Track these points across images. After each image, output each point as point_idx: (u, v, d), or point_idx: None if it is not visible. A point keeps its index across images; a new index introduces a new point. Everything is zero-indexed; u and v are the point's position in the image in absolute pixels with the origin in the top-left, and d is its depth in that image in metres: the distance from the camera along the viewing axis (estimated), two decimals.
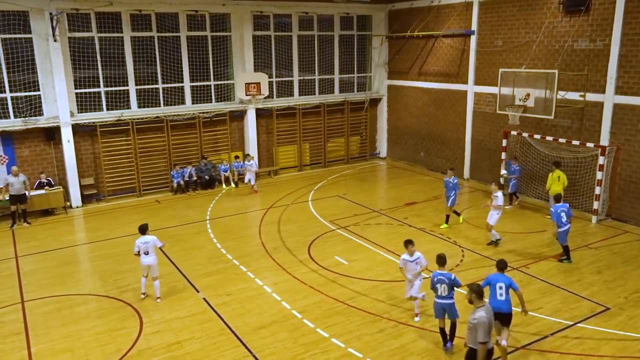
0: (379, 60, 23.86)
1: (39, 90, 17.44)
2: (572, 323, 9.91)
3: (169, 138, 19.66)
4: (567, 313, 10.29)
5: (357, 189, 19.51)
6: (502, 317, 8.55)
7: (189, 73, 19.96)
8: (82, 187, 18.28)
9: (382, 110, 24.56)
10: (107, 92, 18.61)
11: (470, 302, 7.42)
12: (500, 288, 8.56)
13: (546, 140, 16.75)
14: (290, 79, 22.30)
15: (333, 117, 23.35)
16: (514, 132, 17.51)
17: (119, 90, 18.84)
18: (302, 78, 22.54)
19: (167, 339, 9.66)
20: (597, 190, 15.29)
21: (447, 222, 15.25)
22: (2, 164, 17.21)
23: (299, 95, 22.62)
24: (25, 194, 16.24)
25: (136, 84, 19.08)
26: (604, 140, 15.44)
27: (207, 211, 17.33)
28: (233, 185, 20.34)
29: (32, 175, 17.63)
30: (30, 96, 17.36)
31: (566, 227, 12.43)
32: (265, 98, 21.16)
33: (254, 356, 9.07)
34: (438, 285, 9.07)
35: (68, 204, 17.86)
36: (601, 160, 15.07)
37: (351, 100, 23.56)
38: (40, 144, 17.73)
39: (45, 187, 17.31)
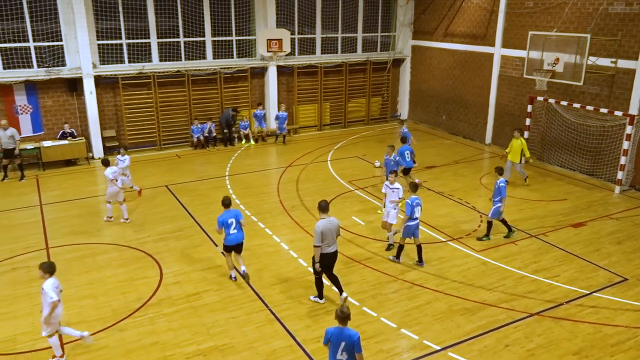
0: (404, 20, 23.25)
1: (61, 40, 17.42)
2: (588, 292, 9.89)
3: (190, 93, 19.62)
4: (583, 282, 10.26)
5: (377, 151, 19.35)
6: None
7: (210, 27, 19.72)
8: (104, 139, 18.47)
9: (405, 71, 24.10)
10: (128, 45, 18.54)
11: None
12: None
13: (573, 107, 16.34)
14: (312, 36, 21.92)
15: (355, 76, 23.00)
16: (540, 98, 17.10)
17: (141, 43, 18.74)
18: (324, 36, 22.12)
19: (186, 290, 9.90)
20: (623, 160, 14.97)
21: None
22: (27, 113, 17.42)
23: (321, 53, 22.26)
24: (13, 149, 15.92)
25: (158, 37, 18.94)
26: (634, 109, 14.99)
27: (226, 167, 17.43)
28: (252, 142, 20.38)
29: (56, 125, 17.85)
30: (53, 46, 17.37)
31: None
32: (286, 55, 20.88)
33: (270, 310, 9.27)
34: (417, 209, 10.34)
35: (90, 155, 18.11)
36: (629, 129, 14.69)
37: (374, 60, 23.13)
38: (63, 94, 17.84)
39: (68, 138, 17.52)
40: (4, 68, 16.84)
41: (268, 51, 20.12)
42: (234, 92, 20.64)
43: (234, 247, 9.96)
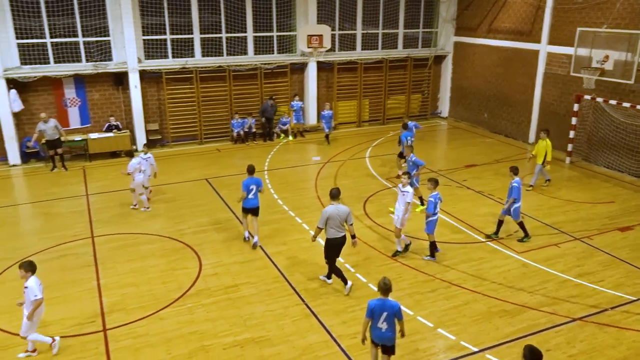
0: (447, 16, 22.88)
1: (108, 35, 17.94)
2: (634, 298, 9.55)
3: (231, 88, 19.88)
4: (630, 288, 9.91)
5: (416, 148, 18.96)
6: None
7: (252, 23, 19.91)
8: (148, 132, 18.94)
9: (447, 68, 23.73)
10: (172, 40, 18.92)
11: None
12: None
13: (622, 106, 15.73)
14: (353, 32, 21.84)
15: (395, 73, 22.81)
16: (587, 97, 16.55)
17: (184, 39, 19.10)
18: (365, 32, 22.01)
19: (224, 282, 10.07)
20: None
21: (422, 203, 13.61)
22: (75, 106, 18.03)
23: (361, 49, 22.16)
24: (59, 138, 16.60)
25: (200, 33, 19.26)
26: None
27: (265, 162, 17.60)
28: (291, 137, 20.50)
29: (102, 118, 18.42)
30: (100, 41, 17.90)
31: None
32: (327, 51, 20.88)
33: (306, 305, 9.33)
34: (439, 204, 10.56)
35: (134, 147, 18.58)
36: None
37: (414, 57, 22.87)
38: (109, 88, 18.37)
39: (114, 130, 18.06)
40: (55, 62, 17.47)
41: (308, 47, 20.17)
42: (274, 87, 20.79)
43: (250, 210, 11.23)
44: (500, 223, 11.88)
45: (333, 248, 9.55)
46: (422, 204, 13.25)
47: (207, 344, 8.26)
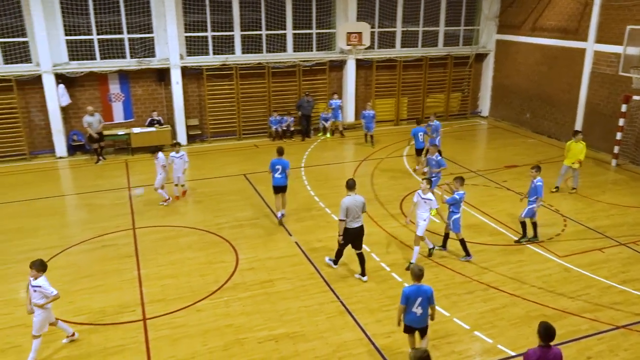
0: (489, 13, 22.42)
1: (152, 32, 18.35)
2: None
3: (270, 85, 20.04)
4: None
5: (455, 148, 18.90)
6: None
7: (292, 20, 20.01)
8: (188, 127, 19.31)
9: (488, 66, 23.27)
10: (213, 37, 19.20)
11: None
12: None
13: None
14: (392, 29, 21.67)
15: (434, 71, 22.52)
16: (636, 97, 15.93)
17: (225, 36, 19.36)
18: (405, 29, 21.80)
19: (260, 276, 10.18)
20: None
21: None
22: (119, 101, 18.55)
23: (401, 47, 21.97)
24: (101, 132, 17.28)
25: (241, 30, 19.48)
26: None
27: (302, 159, 17.68)
28: (329, 134, 20.51)
29: (145, 113, 18.88)
30: (144, 38, 18.34)
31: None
32: (366, 49, 20.79)
33: (341, 302, 9.33)
34: (462, 204, 10.53)
35: (175, 142, 18.94)
36: None
37: (455, 55, 22.52)
38: (152, 84, 18.81)
39: (156, 125, 18.48)
40: (101, 58, 18.00)
41: (347, 44, 20.13)
42: (312, 84, 20.85)
43: (277, 188, 12.36)
44: (534, 225, 11.60)
45: (350, 237, 9.82)
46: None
47: (242, 337, 8.37)
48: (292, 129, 20.15)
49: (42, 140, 17.99)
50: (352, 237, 9.84)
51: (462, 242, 10.77)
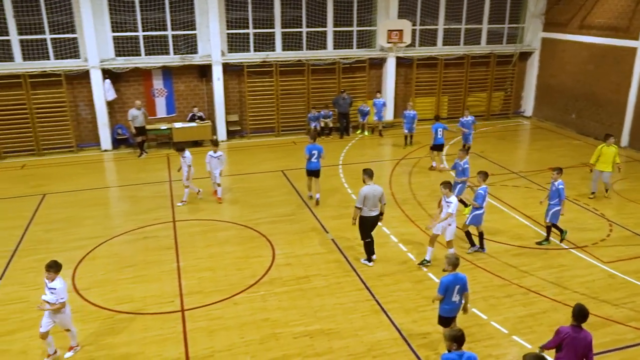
0: (536, 10, 21.83)
1: (195, 29, 18.68)
2: None
3: (309, 82, 20.11)
4: None
5: (496, 148, 18.54)
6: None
7: (332, 18, 20.00)
8: (228, 123, 19.59)
9: (533, 65, 22.67)
10: (255, 34, 19.40)
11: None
12: None
13: None
14: (434, 27, 21.38)
15: (476, 69, 22.12)
16: None
17: (266, 33, 19.52)
18: (447, 27, 21.48)
19: (296, 272, 10.24)
20: None
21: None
22: (162, 96, 18.98)
23: (443, 45, 21.66)
24: (144, 126, 17.78)
25: (282, 27, 19.60)
26: None
27: (340, 156, 17.67)
28: (367, 132, 20.43)
29: (186, 108, 19.26)
30: (187, 35, 18.69)
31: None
32: (406, 46, 20.59)
33: (376, 301, 9.30)
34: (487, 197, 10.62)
35: (215, 137, 19.27)
36: None
37: (498, 53, 22.05)
38: (194, 80, 19.16)
39: (197, 120, 18.82)
40: (146, 54, 18.44)
41: (388, 42, 19.99)
42: (352, 82, 20.80)
43: (311, 172, 13.30)
44: (549, 229, 11.43)
45: (367, 226, 10.22)
46: (466, 205, 12.51)
47: (278, 332, 8.45)
48: (330, 125, 20.13)
49: (89, 134, 18.60)
50: (370, 225, 10.22)
51: (480, 236, 10.89)
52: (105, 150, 18.50)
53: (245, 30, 19.26)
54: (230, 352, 7.96)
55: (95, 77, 17.68)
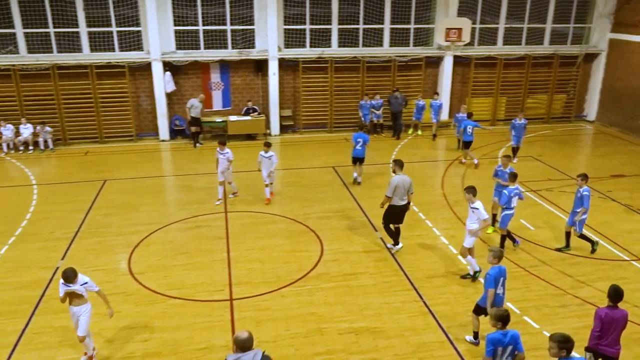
0: (604, 10, 20.84)
1: (253, 24, 18.96)
2: None
3: (364, 79, 20.02)
4: None
5: (555, 152, 17.87)
6: None
7: (389, 14, 19.81)
8: (281, 118, 19.79)
9: (598, 67, 21.66)
10: (311, 30, 19.48)
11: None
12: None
13: None
14: (495, 26, 20.81)
15: (538, 70, 21.37)
16: None
17: (322, 29, 19.56)
18: (508, 26, 20.85)
19: (344, 269, 10.24)
20: None
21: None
22: (219, 89, 19.39)
23: (503, 44, 21.05)
24: (199, 118, 18.23)
25: (338, 24, 19.59)
26: None
27: (391, 154, 17.52)
28: (420, 132, 20.15)
29: (241, 102, 19.60)
30: (245, 30, 18.99)
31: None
32: (465, 45, 20.14)
33: (424, 302, 9.17)
34: (514, 199, 10.41)
35: (268, 131, 19.55)
36: None
37: (562, 54, 21.20)
38: (250, 74, 19.47)
39: (251, 114, 19.12)
40: (205, 48, 18.88)
41: (446, 40, 19.62)
42: (407, 80, 20.56)
43: (356, 159, 14.49)
44: (568, 235, 10.99)
45: (394, 214, 10.61)
46: (494, 224, 11.69)
47: (323, 327, 8.48)
48: (381, 122, 19.88)
49: (148, 124, 19.25)
50: (397, 214, 10.63)
51: (508, 236, 10.76)
52: (163, 140, 19.10)
53: (302, 26, 19.38)
54: (275, 344, 8.06)
55: (157, 69, 18.26)
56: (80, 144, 18.66)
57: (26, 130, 17.74)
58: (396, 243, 10.86)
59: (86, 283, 7.28)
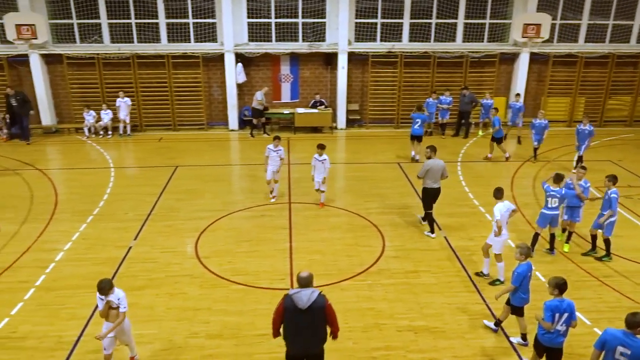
0: None
1: (324, 17, 19.02)
2: None
3: (434, 75, 19.64)
4: None
5: (637, 157, 16.78)
6: None
7: (464, 9, 19.27)
8: (348, 112, 19.79)
9: None
10: (382, 24, 19.30)
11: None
12: None
13: None
14: (577, 22, 19.77)
15: (622, 70, 20.14)
16: None
17: (394, 23, 19.33)
18: (592, 22, 19.75)
19: (405, 266, 10.12)
20: None
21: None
22: (288, 81, 19.65)
23: (584, 41, 19.97)
24: (265, 109, 18.65)
25: (410, 17, 19.29)
26: None
27: (459, 153, 17.11)
28: (480, 132, 19.48)
29: (309, 95, 19.76)
30: (316, 23, 19.08)
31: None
32: (543, 42, 19.27)
33: (487, 305, 8.91)
34: (549, 199, 10.10)
35: (334, 125, 19.61)
36: None
37: None
38: (319, 67, 19.59)
39: (318, 107, 19.24)
40: (276, 40, 19.16)
41: (523, 36, 18.87)
42: (479, 77, 19.97)
43: (413, 137, 15.87)
44: (594, 238, 10.44)
45: (429, 197, 11.15)
46: (568, 240, 10.89)
47: (381, 322, 8.43)
48: (446, 119, 19.24)
49: (219, 113, 19.83)
50: (431, 196, 11.13)
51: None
52: (232, 130, 19.61)
53: (374, 20, 19.24)
54: None
55: (229, 60, 18.74)
56: (154, 130, 19.51)
57: (106, 116, 18.75)
58: (432, 230, 11.36)
59: (119, 299, 6.77)
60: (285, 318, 6.10)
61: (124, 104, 18.45)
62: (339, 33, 18.78)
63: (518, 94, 18.78)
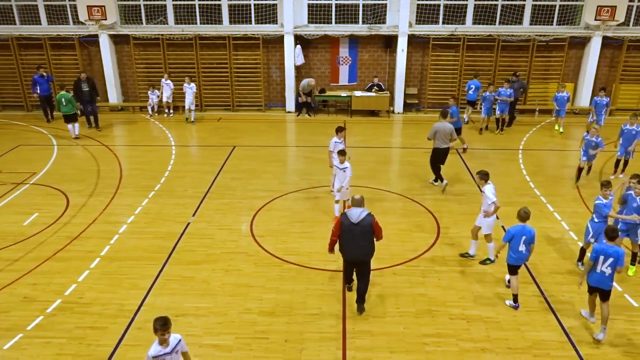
0: None
1: None
2: None
3: (497, 58, 18.98)
4: None
5: None
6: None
7: None
8: (406, 96, 19.47)
9: None
10: (445, 6, 18.76)
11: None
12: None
13: None
14: None
15: None
16: None
17: (457, 5, 18.75)
18: None
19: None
20: None
21: None
22: (346, 64, 19.53)
23: None
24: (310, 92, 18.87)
25: None
26: None
27: (521, 140, 16.52)
28: (556, 127, 18.52)
29: (367, 77, 19.60)
30: (377, 5, 18.80)
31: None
32: (617, 25, 18.17)
33: (544, 298, 8.63)
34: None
35: (391, 108, 19.38)
36: None
37: None
38: (378, 50, 19.34)
39: (375, 90, 19.04)
40: (335, 22, 19.04)
41: (596, 19, 17.86)
42: (546, 62, 19.14)
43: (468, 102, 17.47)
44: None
45: (438, 156, 12.54)
46: (634, 262, 9.45)
47: (433, 309, 8.34)
48: (504, 117, 17.86)
49: (276, 95, 20.02)
50: (440, 155, 12.51)
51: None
52: (289, 112, 19.75)
53: (436, 2, 18.74)
54: (384, 320, 8.09)
55: (289, 42, 18.82)
56: (214, 110, 19.95)
57: (168, 89, 18.90)
58: (440, 180, 12.64)
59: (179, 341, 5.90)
60: (341, 230, 7.75)
61: (190, 89, 18.18)
62: (400, 15, 18.43)
63: (603, 88, 16.39)
